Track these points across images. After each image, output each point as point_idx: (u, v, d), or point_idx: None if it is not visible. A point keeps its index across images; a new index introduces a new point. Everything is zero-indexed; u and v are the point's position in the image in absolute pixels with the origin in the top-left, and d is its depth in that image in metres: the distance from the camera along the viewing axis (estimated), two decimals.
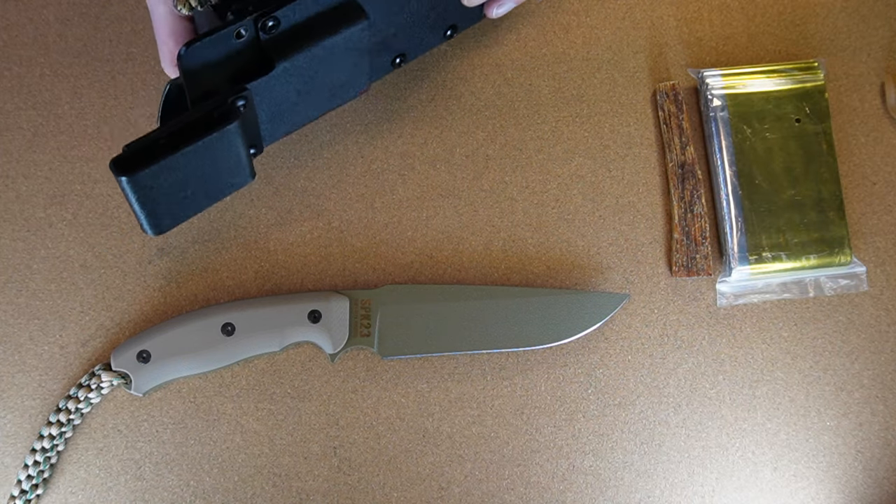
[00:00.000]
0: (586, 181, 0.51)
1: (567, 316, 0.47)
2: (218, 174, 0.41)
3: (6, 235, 0.48)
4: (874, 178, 0.52)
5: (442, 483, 0.47)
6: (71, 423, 0.46)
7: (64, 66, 0.49)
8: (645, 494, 0.48)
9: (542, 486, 0.48)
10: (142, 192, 0.38)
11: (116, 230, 0.48)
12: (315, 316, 0.46)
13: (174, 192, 0.40)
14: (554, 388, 0.49)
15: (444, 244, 0.50)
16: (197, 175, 0.40)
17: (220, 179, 0.41)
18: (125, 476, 0.46)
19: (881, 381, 0.50)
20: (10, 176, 0.48)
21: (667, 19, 0.53)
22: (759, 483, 0.49)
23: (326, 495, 0.47)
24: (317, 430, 0.47)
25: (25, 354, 0.47)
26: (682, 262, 0.50)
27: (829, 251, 0.50)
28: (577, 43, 0.53)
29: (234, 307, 0.46)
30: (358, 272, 0.49)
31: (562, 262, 0.50)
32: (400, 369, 0.48)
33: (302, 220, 0.49)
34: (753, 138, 0.51)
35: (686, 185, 0.51)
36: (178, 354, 0.45)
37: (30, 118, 0.49)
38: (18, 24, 0.49)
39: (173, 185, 0.39)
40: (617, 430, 0.49)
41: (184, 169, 0.38)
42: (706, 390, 0.49)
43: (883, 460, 0.50)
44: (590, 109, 0.52)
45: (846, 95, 0.53)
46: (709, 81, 0.51)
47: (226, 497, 0.46)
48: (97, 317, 0.47)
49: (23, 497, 0.45)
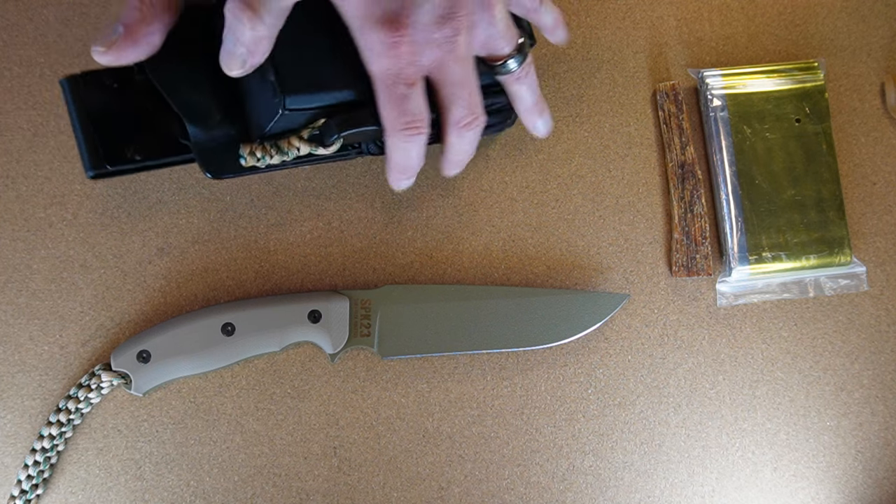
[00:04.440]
0: (586, 181, 0.51)
1: (567, 316, 0.47)
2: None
3: (6, 235, 0.48)
4: (874, 178, 0.52)
5: (442, 483, 0.47)
6: (71, 423, 0.46)
7: (64, 66, 0.49)
8: (645, 494, 0.48)
9: (542, 486, 0.48)
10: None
11: (116, 230, 0.48)
12: (315, 316, 0.46)
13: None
14: (554, 388, 0.49)
15: (444, 244, 0.50)
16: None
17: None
18: (125, 476, 0.46)
19: (881, 381, 0.50)
20: (10, 176, 0.48)
21: (667, 19, 0.53)
22: (759, 483, 0.49)
23: (326, 495, 0.47)
24: (317, 430, 0.47)
25: (25, 354, 0.47)
26: (682, 262, 0.50)
27: (829, 251, 0.50)
28: (577, 43, 0.53)
29: (234, 307, 0.46)
30: (358, 272, 0.49)
31: (562, 262, 0.50)
32: (400, 369, 0.48)
33: (302, 220, 0.49)
34: (753, 138, 0.51)
35: (686, 185, 0.51)
36: (178, 354, 0.45)
37: (30, 118, 0.49)
38: (18, 24, 0.49)
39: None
40: (617, 430, 0.49)
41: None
42: (706, 390, 0.49)
43: (883, 460, 0.50)
44: (590, 109, 0.52)
45: (846, 95, 0.53)
46: (709, 81, 0.51)
47: (226, 497, 0.46)
48: (97, 317, 0.47)
49: (23, 497, 0.45)
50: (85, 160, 0.42)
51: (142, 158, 0.42)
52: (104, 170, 0.42)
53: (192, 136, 0.41)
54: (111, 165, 0.42)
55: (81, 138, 0.41)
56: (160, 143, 0.42)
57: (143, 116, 0.42)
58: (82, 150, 0.42)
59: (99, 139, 0.41)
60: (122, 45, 0.37)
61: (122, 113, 0.42)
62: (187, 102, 0.40)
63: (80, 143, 0.41)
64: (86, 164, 0.42)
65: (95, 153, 0.41)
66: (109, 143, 0.42)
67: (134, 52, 0.37)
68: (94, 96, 0.41)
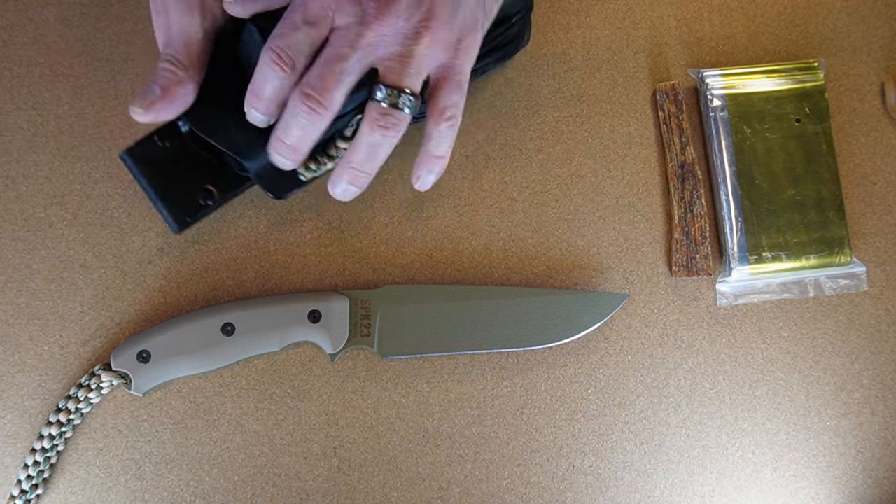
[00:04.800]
0: (586, 181, 0.51)
1: (567, 316, 0.47)
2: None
3: (6, 235, 0.48)
4: (874, 178, 0.52)
5: (442, 483, 0.47)
6: (71, 423, 0.46)
7: (64, 66, 0.49)
8: (645, 494, 0.48)
9: (542, 486, 0.48)
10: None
11: (116, 230, 0.48)
12: (315, 316, 0.46)
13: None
14: (554, 388, 0.49)
15: (443, 244, 0.50)
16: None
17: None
18: (125, 476, 0.46)
19: (881, 381, 0.50)
20: (10, 176, 0.48)
21: (667, 19, 0.53)
22: (759, 483, 0.49)
23: (326, 495, 0.47)
24: (317, 430, 0.47)
25: (25, 354, 0.47)
26: (682, 262, 0.50)
27: (829, 251, 0.50)
28: (577, 43, 0.53)
29: (234, 307, 0.46)
30: (358, 272, 0.49)
31: (562, 262, 0.50)
32: (400, 369, 0.48)
33: (302, 220, 0.49)
34: (753, 138, 0.51)
35: (686, 185, 0.51)
36: (178, 354, 0.45)
37: (30, 118, 0.49)
38: (18, 24, 0.49)
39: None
40: (617, 430, 0.49)
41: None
42: (706, 390, 0.49)
43: (883, 460, 0.50)
44: (590, 109, 0.52)
45: (846, 95, 0.53)
46: (709, 81, 0.51)
47: (226, 497, 0.46)
48: (97, 317, 0.47)
49: (23, 497, 0.45)
50: (169, 220, 0.44)
51: (213, 203, 0.45)
52: (187, 223, 0.45)
53: (248, 168, 0.42)
54: (190, 217, 0.44)
55: (158, 201, 0.44)
56: (224, 181, 0.45)
57: (201, 163, 0.44)
58: (162, 212, 0.44)
59: (172, 197, 0.44)
60: (160, 105, 0.39)
61: (182, 166, 0.44)
62: (233, 141, 0.42)
63: (159, 206, 0.44)
64: (170, 223, 0.44)
65: (174, 211, 0.44)
66: (182, 197, 0.44)
67: (171, 110, 0.40)
68: (153, 159, 0.44)
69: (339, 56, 0.36)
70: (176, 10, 0.38)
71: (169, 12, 0.39)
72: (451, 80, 0.38)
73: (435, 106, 0.39)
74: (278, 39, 0.36)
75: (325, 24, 0.36)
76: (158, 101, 0.39)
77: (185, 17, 0.38)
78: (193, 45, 0.39)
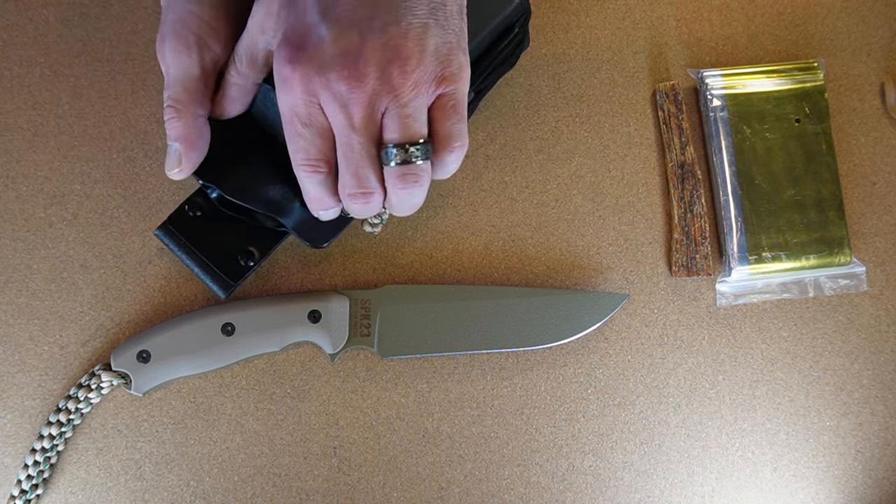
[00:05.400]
0: (586, 181, 0.51)
1: (567, 316, 0.47)
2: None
3: (6, 235, 0.48)
4: (874, 178, 0.52)
5: (442, 483, 0.47)
6: (71, 423, 0.46)
7: (64, 66, 0.49)
8: (645, 494, 0.48)
9: (542, 486, 0.48)
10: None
11: (116, 230, 0.48)
12: (315, 316, 0.46)
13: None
14: (554, 388, 0.49)
15: (443, 244, 0.50)
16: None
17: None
18: (125, 476, 0.46)
19: (881, 381, 0.50)
20: (10, 176, 0.48)
21: (667, 19, 0.53)
22: (759, 483, 0.49)
23: (326, 495, 0.47)
24: (317, 430, 0.47)
25: (25, 354, 0.47)
26: (681, 262, 0.50)
27: (828, 251, 0.50)
28: (577, 43, 0.53)
29: (234, 307, 0.46)
30: (358, 272, 0.49)
31: (562, 262, 0.50)
32: (400, 369, 0.48)
33: None
34: (753, 138, 0.51)
35: (686, 185, 0.51)
36: (178, 354, 0.45)
37: (30, 118, 0.49)
38: (18, 24, 0.49)
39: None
40: (617, 430, 0.49)
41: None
42: (706, 390, 0.49)
43: (883, 460, 0.50)
44: (590, 109, 0.52)
45: (846, 95, 0.53)
46: (708, 81, 0.51)
47: (226, 497, 0.46)
48: (97, 317, 0.47)
49: (23, 497, 0.45)
50: (214, 288, 0.45)
51: (255, 262, 0.45)
52: (232, 288, 0.45)
53: (284, 223, 0.43)
54: (235, 281, 0.45)
55: (201, 273, 0.45)
56: (261, 239, 0.45)
57: (235, 225, 0.45)
58: (207, 281, 0.45)
59: (214, 265, 0.44)
60: (187, 155, 0.40)
61: (217, 233, 0.45)
62: (264, 200, 0.42)
63: (203, 277, 0.45)
64: (217, 291, 0.45)
65: (219, 278, 0.45)
66: (223, 264, 0.45)
67: (200, 151, 0.41)
68: (189, 231, 0.44)
69: (349, 147, 0.37)
70: (172, 51, 0.39)
71: (166, 55, 0.40)
72: (447, 107, 0.38)
73: (437, 137, 0.38)
74: (295, 154, 0.38)
75: (318, 115, 0.37)
76: (184, 153, 0.40)
77: (183, 56, 0.39)
78: (191, 82, 0.40)
